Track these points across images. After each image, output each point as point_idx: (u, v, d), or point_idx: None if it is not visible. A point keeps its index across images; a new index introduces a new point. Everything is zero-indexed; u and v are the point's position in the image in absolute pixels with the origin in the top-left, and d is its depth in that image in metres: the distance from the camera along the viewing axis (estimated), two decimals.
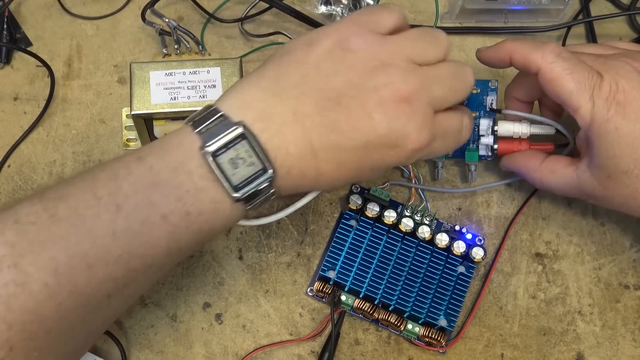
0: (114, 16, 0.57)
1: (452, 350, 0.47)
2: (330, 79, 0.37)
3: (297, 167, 0.36)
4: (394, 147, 0.37)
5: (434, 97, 0.38)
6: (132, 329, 0.47)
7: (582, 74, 0.41)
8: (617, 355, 0.47)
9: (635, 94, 0.40)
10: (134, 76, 0.47)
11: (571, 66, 0.41)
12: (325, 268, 0.47)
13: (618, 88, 0.40)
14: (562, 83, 0.41)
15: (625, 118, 0.40)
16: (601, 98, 0.40)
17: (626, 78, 0.40)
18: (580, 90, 0.41)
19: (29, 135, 0.52)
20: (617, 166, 0.41)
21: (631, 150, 0.40)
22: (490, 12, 0.57)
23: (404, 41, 0.38)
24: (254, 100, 0.36)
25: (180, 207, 0.35)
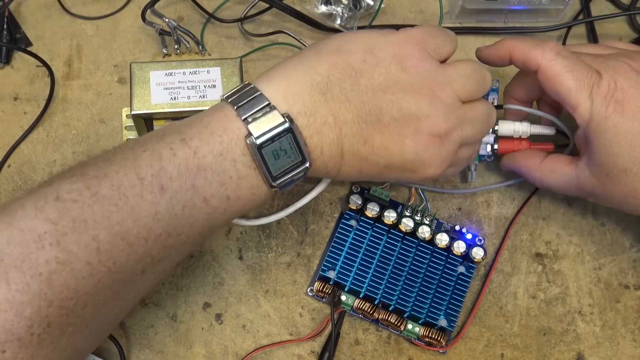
0: (114, 16, 0.57)
1: (452, 350, 0.47)
2: (378, 94, 0.38)
3: (325, 164, 0.39)
4: (412, 172, 0.40)
5: (464, 137, 0.40)
6: (132, 329, 0.47)
7: (581, 72, 0.41)
8: (617, 355, 0.47)
9: (633, 92, 0.40)
10: (134, 76, 0.47)
11: (571, 64, 0.41)
12: (325, 268, 0.47)
13: (617, 86, 0.40)
14: (561, 80, 0.41)
15: (624, 116, 0.40)
16: (600, 96, 0.40)
17: (624, 77, 0.41)
18: (579, 88, 0.41)
19: (29, 135, 0.52)
20: (616, 164, 0.41)
21: (629, 148, 0.40)
22: (490, 12, 0.57)
23: (454, 75, 0.39)
24: (302, 94, 0.37)
25: (222, 192, 0.36)
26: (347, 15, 0.55)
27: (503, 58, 0.45)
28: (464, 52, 0.56)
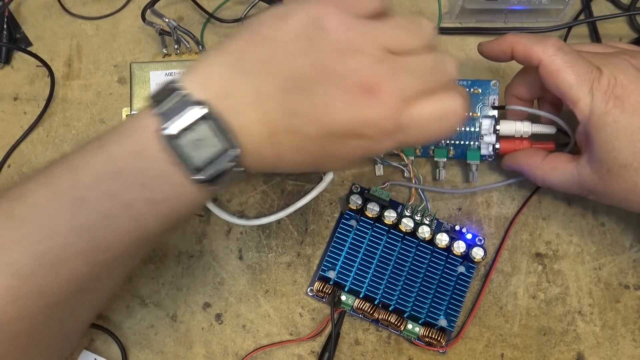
0: (114, 16, 0.57)
1: (452, 350, 0.47)
2: (298, 59, 0.34)
3: (259, 148, 0.34)
4: (356, 138, 0.35)
5: (403, 88, 0.35)
6: (132, 329, 0.47)
7: (581, 68, 0.41)
8: (617, 355, 0.47)
9: (634, 88, 0.40)
10: (134, 76, 0.47)
11: (571, 59, 0.41)
12: (325, 268, 0.47)
13: (617, 82, 0.40)
14: (562, 75, 0.41)
15: (624, 111, 0.40)
16: (600, 91, 0.41)
17: (624, 73, 0.41)
18: (580, 83, 0.41)
19: (29, 135, 0.52)
20: (616, 159, 0.41)
21: (629, 143, 0.40)
22: (490, 12, 0.57)
23: (382, 27, 0.35)
24: (216, 77, 0.34)
25: (144, 194, 0.33)
26: None
27: (505, 52, 0.44)
28: (464, 52, 0.56)
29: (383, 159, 0.51)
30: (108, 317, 0.47)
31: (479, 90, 0.51)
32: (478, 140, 0.50)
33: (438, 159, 0.51)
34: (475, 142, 0.51)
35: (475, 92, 0.51)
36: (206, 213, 0.50)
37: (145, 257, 0.49)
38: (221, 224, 0.50)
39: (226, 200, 0.51)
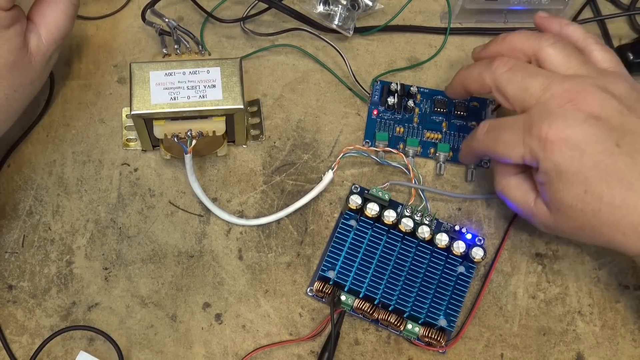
0: (114, 16, 0.57)
1: (452, 350, 0.47)
2: None
3: None
4: None
5: None
6: (132, 329, 0.47)
7: (504, 135, 0.42)
8: (617, 355, 0.47)
9: (566, 131, 0.40)
10: (134, 76, 0.47)
11: (493, 135, 0.43)
12: (325, 268, 0.47)
13: (551, 128, 0.40)
14: (496, 153, 0.43)
15: (562, 154, 0.40)
16: (534, 141, 0.41)
17: (561, 118, 0.40)
18: (509, 148, 0.42)
19: (28, 135, 0.52)
20: (562, 201, 0.41)
21: (571, 186, 0.40)
22: (490, 12, 0.57)
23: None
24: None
25: None
26: (345, 15, 0.55)
27: (462, 94, 0.49)
28: (464, 52, 0.57)
29: (383, 158, 0.51)
30: (108, 317, 0.47)
31: (477, 104, 0.54)
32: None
33: (440, 153, 0.51)
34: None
35: (474, 105, 0.54)
36: (206, 213, 0.50)
37: (146, 257, 0.49)
38: (221, 224, 0.50)
39: (226, 200, 0.51)
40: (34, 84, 0.46)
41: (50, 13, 0.46)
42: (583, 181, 0.40)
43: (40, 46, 0.45)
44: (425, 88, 0.54)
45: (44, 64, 0.46)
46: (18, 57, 0.43)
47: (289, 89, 0.55)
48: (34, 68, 0.45)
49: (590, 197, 0.40)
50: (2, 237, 0.49)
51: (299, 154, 0.52)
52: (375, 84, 0.54)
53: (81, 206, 0.50)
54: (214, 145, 0.50)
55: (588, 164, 0.39)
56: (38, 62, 0.45)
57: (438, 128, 0.53)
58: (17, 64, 0.43)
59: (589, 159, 0.39)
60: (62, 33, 0.46)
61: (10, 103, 0.44)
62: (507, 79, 0.43)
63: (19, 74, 0.44)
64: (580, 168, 0.40)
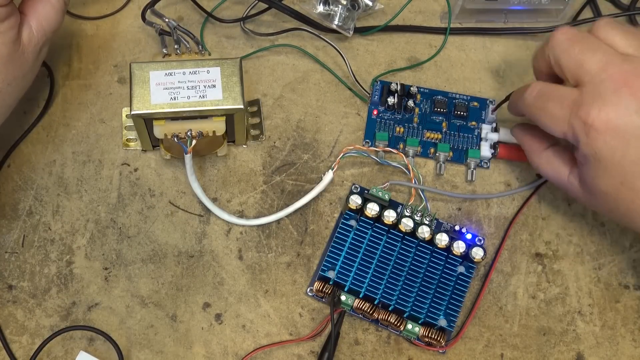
0: (114, 16, 0.57)
1: (452, 350, 0.47)
2: None
3: None
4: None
5: None
6: (132, 329, 0.47)
7: (553, 107, 0.41)
8: (617, 355, 0.47)
9: (614, 120, 0.39)
10: (134, 76, 0.47)
11: (542, 102, 0.42)
12: (325, 268, 0.47)
13: (600, 113, 0.39)
14: (539, 121, 0.43)
15: (605, 143, 0.39)
16: (579, 123, 0.40)
17: (612, 105, 0.39)
18: (555, 122, 0.41)
19: (28, 135, 0.52)
20: (598, 186, 0.41)
21: (609, 175, 0.40)
22: (490, 12, 0.57)
23: None
24: None
25: None
26: (345, 15, 0.55)
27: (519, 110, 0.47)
28: (464, 52, 0.57)
29: (383, 158, 0.51)
30: (108, 317, 0.47)
31: (477, 104, 0.54)
32: (478, 143, 0.52)
33: (440, 153, 0.52)
34: (475, 146, 0.52)
35: (474, 105, 0.54)
36: (206, 213, 0.50)
37: (146, 257, 0.49)
38: (221, 224, 0.50)
39: (226, 200, 0.51)
40: (27, 77, 0.46)
41: (41, 7, 0.46)
42: (621, 173, 0.39)
43: (31, 39, 0.45)
44: (425, 88, 0.54)
45: (36, 56, 0.46)
46: (12, 50, 0.44)
47: (289, 89, 0.55)
48: (27, 61, 0.45)
49: (626, 189, 0.40)
50: (2, 237, 0.49)
51: (299, 154, 0.52)
52: (375, 84, 0.54)
53: (81, 206, 0.50)
54: (214, 145, 0.50)
55: (630, 157, 0.39)
56: (30, 55, 0.46)
57: (438, 128, 0.53)
58: (11, 57, 0.44)
59: (633, 151, 0.39)
60: (52, 27, 0.47)
61: (3, 97, 0.45)
62: (564, 49, 0.41)
63: (12, 67, 0.44)
64: (621, 160, 0.39)
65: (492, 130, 0.52)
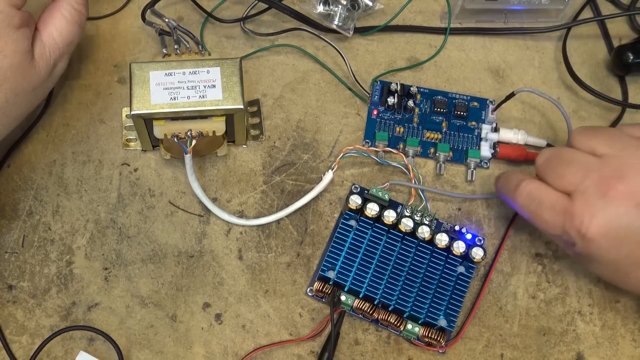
0: (114, 16, 0.57)
1: (452, 350, 0.47)
2: None
3: None
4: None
5: None
6: (132, 329, 0.47)
7: (546, 215, 0.42)
8: (617, 355, 0.47)
9: (606, 226, 0.40)
10: (134, 76, 0.47)
11: (534, 208, 0.43)
12: (325, 268, 0.47)
13: (592, 222, 0.40)
14: (534, 223, 0.44)
15: (600, 247, 0.41)
16: (574, 231, 0.41)
17: (601, 210, 0.40)
18: (549, 228, 0.43)
19: (28, 135, 0.52)
20: (593, 270, 0.46)
21: (603, 267, 0.43)
22: (490, 12, 0.57)
23: None
24: None
25: None
26: (345, 15, 0.55)
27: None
28: (464, 52, 0.57)
29: (383, 158, 0.51)
30: (108, 317, 0.47)
31: (477, 104, 0.54)
32: (478, 143, 0.52)
33: (440, 153, 0.52)
34: (475, 146, 0.52)
35: (474, 105, 0.54)
36: (206, 213, 0.50)
37: (146, 257, 0.49)
38: (221, 224, 0.50)
39: (226, 200, 0.51)
40: (36, 91, 0.46)
41: (51, 19, 0.46)
42: (615, 265, 0.42)
43: (43, 53, 0.45)
44: (425, 88, 0.54)
45: (48, 71, 0.46)
46: (23, 60, 0.43)
47: (289, 89, 0.55)
48: (37, 75, 0.45)
49: (619, 275, 0.43)
50: (2, 237, 0.49)
51: (299, 154, 0.52)
52: (375, 84, 0.54)
53: (81, 206, 0.50)
54: (214, 145, 0.50)
55: (623, 253, 0.41)
56: (42, 69, 0.45)
57: (438, 128, 0.53)
58: (21, 67, 0.43)
59: (625, 249, 0.41)
60: (65, 40, 0.46)
61: (10, 107, 0.44)
62: (545, 170, 0.43)
63: (21, 78, 0.44)
64: (616, 257, 0.41)
65: (492, 130, 0.52)
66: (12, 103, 0.44)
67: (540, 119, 0.54)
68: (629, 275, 0.43)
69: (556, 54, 0.57)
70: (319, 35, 0.55)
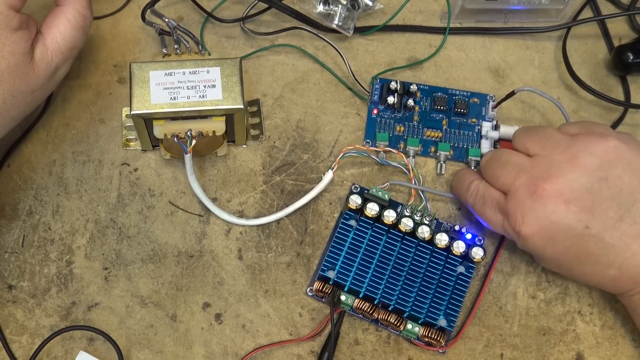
0: (114, 16, 0.57)
1: (452, 350, 0.47)
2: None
3: None
4: None
5: None
6: (132, 329, 0.47)
7: (488, 212, 0.45)
8: (616, 355, 0.47)
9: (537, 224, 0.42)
10: (134, 76, 0.47)
11: (479, 207, 0.46)
12: (325, 268, 0.47)
13: (524, 221, 0.43)
14: (481, 218, 0.47)
15: (535, 244, 0.43)
16: (510, 229, 0.44)
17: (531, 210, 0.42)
18: (492, 224, 0.46)
19: (28, 134, 0.52)
20: (539, 263, 0.47)
21: (546, 262, 0.45)
22: (490, 12, 0.57)
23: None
24: None
25: None
26: (344, 15, 0.55)
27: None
28: (464, 52, 0.57)
29: (383, 158, 0.51)
30: (108, 317, 0.47)
31: (478, 100, 0.54)
32: (478, 141, 0.52)
33: (440, 152, 0.52)
34: (476, 144, 0.52)
35: (474, 101, 0.54)
36: (206, 213, 0.50)
37: (145, 257, 0.49)
38: (221, 224, 0.50)
39: (226, 200, 0.51)
40: (35, 93, 0.45)
41: (56, 23, 0.46)
42: (556, 261, 0.44)
43: (44, 56, 0.45)
44: (425, 85, 0.54)
45: (48, 74, 0.45)
46: (21, 61, 0.43)
47: (289, 89, 0.55)
48: (37, 77, 0.45)
49: (563, 269, 0.45)
50: (2, 237, 0.49)
51: (298, 154, 0.52)
52: (374, 82, 0.54)
53: (81, 206, 0.50)
54: (214, 145, 0.50)
55: (560, 250, 0.43)
56: (41, 72, 0.45)
57: (438, 126, 0.53)
58: (19, 69, 0.43)
59: (560, 245, 0.43)
60: (69, 43, 0.46)
61: (7, 108, 0.44)
62: (485, 171, 0.47)
63: (19, 79, 0.43)
64: (554, 254, 0.43)
65: (492, 128, 0.52)
66: (10, 104, 0.44)
67: (540, 118, 0.54)
68: (572, 270, 0.44)
69: (556, 53, 0.57)
70: (319, 35, 0.55)
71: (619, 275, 0.42)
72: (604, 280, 0.43)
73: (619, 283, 0.43)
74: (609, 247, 0.42)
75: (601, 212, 0.41)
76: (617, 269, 0.42)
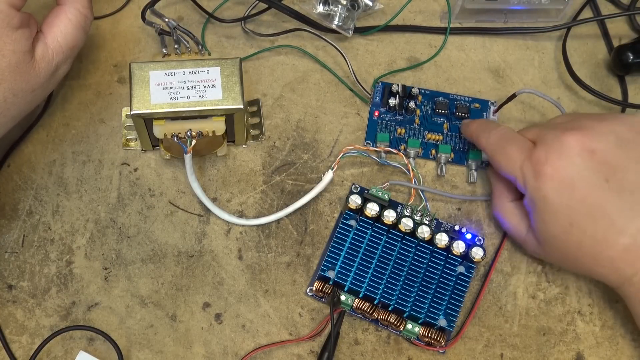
0: (114, 16, 0.57)
1: (452, 350, 0.47)
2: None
3: None
4: None
5: None
6: (132, 329, 0.47)
7: (513, 148, 0.45)
8: (616, 355, 0.47)
9: (560, 166, 0.42)
10: (134, 76, 0.47)
11: (504, 143, 0.46)
12: (324, 268, 0.47)
13: (547, 159, 0.42)
14: (495, 158, 0.46)
15: (552, 188, 0.42)
16: (530, 168, 0.43)
17: (557, 151, 0.42)
18: (509, 163, 0.45)
19: (28, 134, 0.52)
20: (548, 231, 0.43)
21: (558, 218, 0.43)
22: (490, 12, 0.57)
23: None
24: None
25: None
26: (345, 15, 0.55)
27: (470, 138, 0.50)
28: (464, 52, 0.57)
29: (383, 158, 0.51)
30: (108, 317, 0.47)
31: (479, 105, 0.54)
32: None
33: (441, 154, 0.51)
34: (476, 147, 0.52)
35: (475, 106, 0.54)
36: (206, 213, 0.50)
37: (145, 257, 0.49)
38: (221, 223, 0.50)
39: (226, 200, 0.51)
40: (35, 92, 0.45)
41: (57, 22, 0.46)
42: (570, 214, 0.42)
43: (45, 55, 0.45)
44: (426, 89, 0.54)
45: (49, 73, 0.45)
46: (21, 60, 0.43)
47: (289, 89, 0.55)
48: (37, 75, 0.45)
49: (575, 230, 0.42)
50: (2, 237, 0.49)
51: (298, 154, 0.52)
52: (376, 85, 0.54)
53: (81, 206, 0.50)
54: (214, 145, 0.50)
55: (577, 198, 0.42)
56: (42, 70, 0.45)
57: (439, 129, 0.53)
58: (19, 67, 0.43)
59: (578, 193, 0.42)
60: (69, 42, 0.46)
61: (7, 107, 0.44)
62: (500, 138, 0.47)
63: (20, 78, 0.43)
64: (569, 202, 0.42)
65: None
66: (11, 103, 0.44)
67: (540, 119, 0.54)
68: (585, 233, 0.42)
69: (556, 53, 0.57)
70: (319, 35, 0.55)
71: (632, 244, 0.41)
72: (615, 251, 0.41)
73: (630, 256, 0.41)
74: (625, 210, 0.41)
75: (623, 172, 0.41)
76: (630, 236, 0.41)
